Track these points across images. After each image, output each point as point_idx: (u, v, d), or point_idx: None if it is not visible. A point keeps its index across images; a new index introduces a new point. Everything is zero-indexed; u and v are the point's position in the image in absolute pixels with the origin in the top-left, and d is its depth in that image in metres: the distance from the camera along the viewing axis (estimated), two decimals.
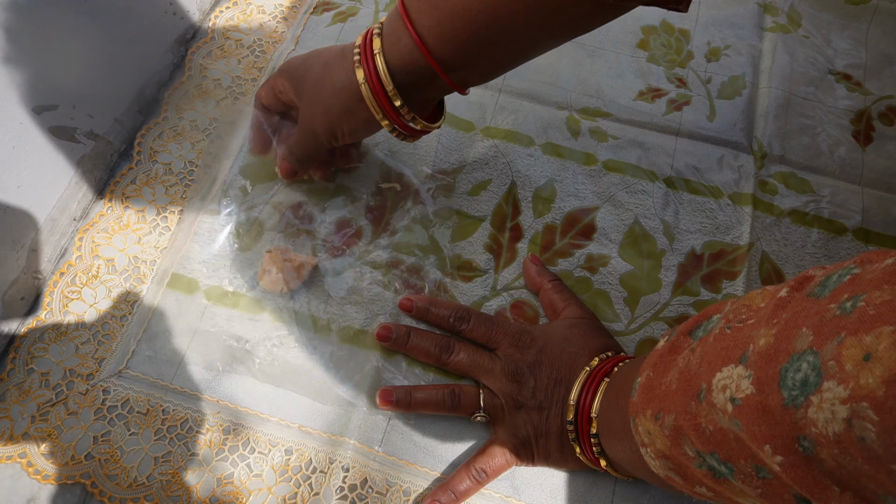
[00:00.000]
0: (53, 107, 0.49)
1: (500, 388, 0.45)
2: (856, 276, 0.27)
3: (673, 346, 0.36)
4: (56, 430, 0.45)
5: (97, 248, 0.51)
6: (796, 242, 0.54)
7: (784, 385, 0.26)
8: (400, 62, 0.39)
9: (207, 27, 0.61)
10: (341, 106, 0.43)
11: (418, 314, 0.49)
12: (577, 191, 0.55)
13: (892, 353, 0.23)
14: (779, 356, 0.27)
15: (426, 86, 0.41)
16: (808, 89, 0.61)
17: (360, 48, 0.41)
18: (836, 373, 0.24)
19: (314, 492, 0.45)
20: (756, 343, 0.29)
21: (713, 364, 0.31)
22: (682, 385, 0.32)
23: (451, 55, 0.38)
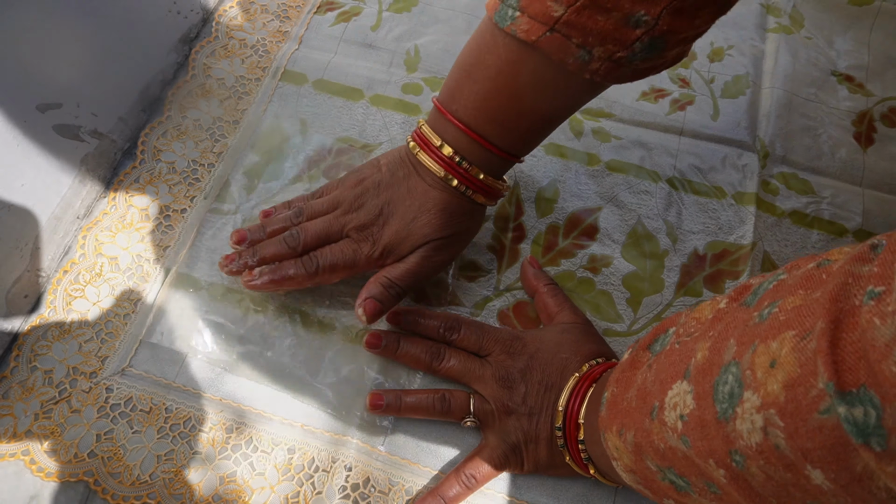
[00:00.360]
0: (58, 105, 0.49)
1: (491, 393, 0.44)
2: (780, 283, 0.27)
3: (633, 360, 0.36)
4: (59, 428, 0.45)
5: (101, 247, 0.51)
6: (797, 243, 0.54)
7: (717, 398, 0.26)
8: (460, 146, 0.44)
9: (211, 26, 0.61)
10: (452, 213, 0.46)
11: (407, 326, 0.48)
12: (579, 191, 0.56)
13: (791, 358, 0.23)
14: (712, 369, 0.27)
15: (489, 160, 0.45)
16: (810, 90, 0.61)
17: (426, 149, 0.45)
18: (751, 382, 0.24)
19: (317, 491, 0.45)
20: (695, 357, 0.29)
21: (664, 382, 0.31)
22: (640, 403, 0.33)
23: (490, 135, 0.43)
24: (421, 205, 0.45)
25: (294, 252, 0.47)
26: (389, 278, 0.45)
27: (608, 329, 0.50)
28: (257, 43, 0.61)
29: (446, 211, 0.45)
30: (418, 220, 0.45)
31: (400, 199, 0.46)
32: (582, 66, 0.38)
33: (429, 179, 0.45)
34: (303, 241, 0.46)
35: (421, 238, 0.46)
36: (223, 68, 0.60)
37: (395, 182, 0.46)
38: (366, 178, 0.47)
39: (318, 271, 0.46)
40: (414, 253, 0.46)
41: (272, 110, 0.58)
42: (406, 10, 0.64)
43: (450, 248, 0.47)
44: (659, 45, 0.37)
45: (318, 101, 0.59)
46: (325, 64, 0.60)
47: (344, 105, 0.59)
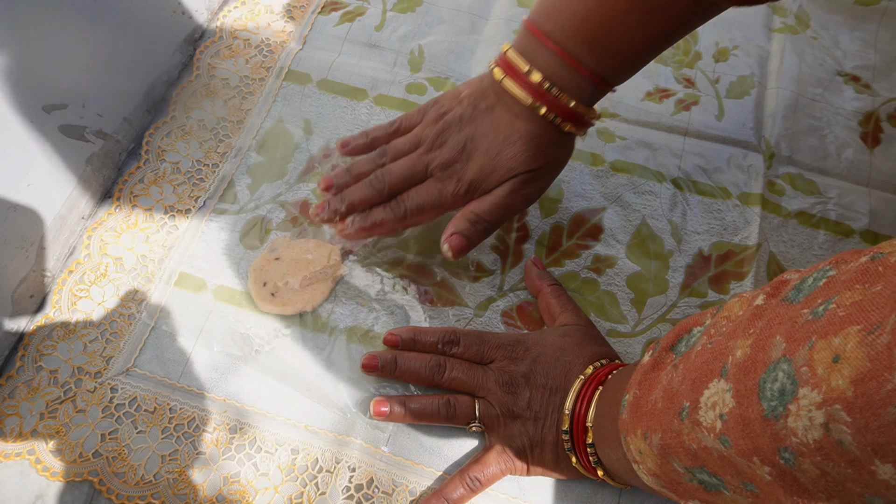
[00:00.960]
0: (63, 106, 0.49)
1: (495, 399, 0.44)
2: (831, 279, 0.27)
3: (656, 361, 0.35)
4: (64, 428, 0.46)
5: (105, 247, 0.51)
6: (803, 244, 0.54)
7: (763, 396, 0.26)
8: (550, 72, 0.42)
9: (216, 26, 0.61)
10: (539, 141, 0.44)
11: (405, 346, 0.47)
12: (584, 191, 0.55)
13: (858, 353, 0.23)
14: (756, 367, 0.27)
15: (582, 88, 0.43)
16: (816, 90, 0.60)
17: (512, 76, 0.43)
18: (809, 378, 0.24)
19: (320, 491, 0.45)
20: (734, 355, 0.28)
21: (697, 381, 0.30)
22: (666, 404, 0.32)
23: (586, 58, 0.41)
24: (506, 137, 0.43)
25: (381, 195, 0.46)
26: (476, 213, 0.44)
27: (612, 330, 0.50)
28: (261, 43, 0.61)
29: (534, 142, 0.43)
30: (504, 153, 0.43)
31: (484, 133, 0.44)
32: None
33: (515, 109, 0.43)
34: (388, 183, 0.46)
35: (507, 172, 0.44)
36: (227, 68, 0.60)
37: (477, 115, 0.44)
38: (447, 113, 0.46)
39: (407, 215, 0.45)
40: (501, 186, 0.44)
41: (276, 110, 0.58)
42: (410, 10, 0.64)
43: (539, 180, 0.45)
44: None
45: (322, 100, 0.59)
46: (329, 64, 0.60)
47: (348, 105, 0.59)
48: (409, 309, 0.50)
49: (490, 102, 0.44)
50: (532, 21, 0.42)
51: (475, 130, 0.44)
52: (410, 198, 0.45)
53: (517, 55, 0.43)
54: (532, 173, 0.44)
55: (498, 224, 0.45)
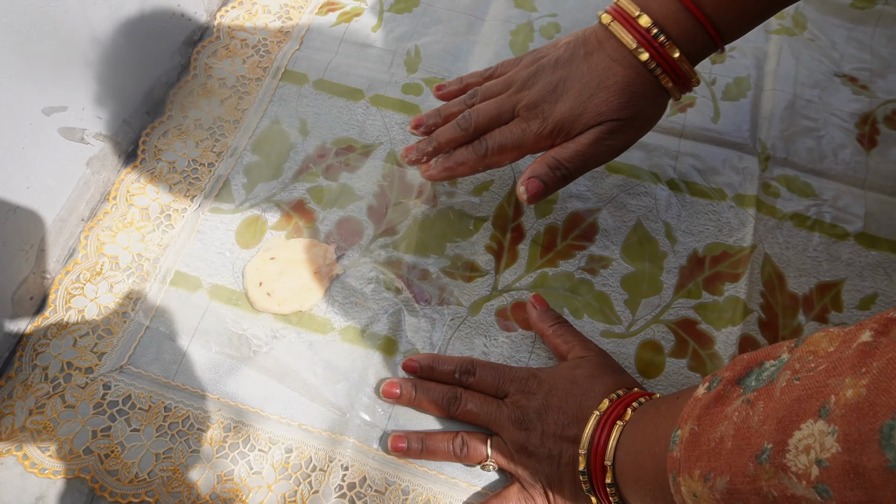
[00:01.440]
0: (63, 108, 0.49)
1: (509, 436, 0.44)
2: None
3: (719, 395, 0.32)
4: (52, 423, 0.46)
5: (102, 246, 0.52)
6: (798, 246, 0.54)
7: (889, 445, 0.23)
8: (662, 17, 0.41)
9: (213, 26, 0.62)
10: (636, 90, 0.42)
11: (423, 373, 0.48)
12: (579, 192, 0.55)
13: None
14: (876, 411, 0.24)
15: (692, 38, 0.41)
16: (813, 92, 0.60)
17: (620, 20, 0.42)
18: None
19: (314, 490, 0.45)
20: (841, 394, 0.25)
21: (786, 421, 0.27)
22: (739, 443, 0.29)
23: (705, 2, 0.40)
24: (601, 81, 0.42)
25: (467, 134, 0.46)
26: (557, 158, 0.43)
27: (606, 331, 0.50)
28: (258, 43, 0.61)
29: (628, 90, 0.42)
30: (596, 96, 0.42)
31: (578, 76, 0.43)
32: None
33: (615, 54, 0.42)
34: (474, 122, 0.46)
35: (595, 117, 0.42)
36: (224, 68, 0.60)
37: (575, 59, 0.43)
38: (543, 56, 0.45)
39: (488, 153, 0.45)
40: (585, 133, 0.43)
41: (272, 110, 0.58)
42: (407, 10, 0.64)
43: (626, 132, 0.44)
44: None
45: (319, 101, 0.59)
46: (325, 64, 0.61)
47: (344, 105, 0.59)
48: (405, 308, 0.51)
49: (591, 48, 0.43)
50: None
51: (570, 72, 0.43)
52: (493, 136, 0.45)
53: (629, 1, 0.42)
54: (620, 122, 0.43)
55: (578, 173, 0.44)
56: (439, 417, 0.47)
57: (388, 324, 0.50)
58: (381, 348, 0.49)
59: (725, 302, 0.51)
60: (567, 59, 0.44)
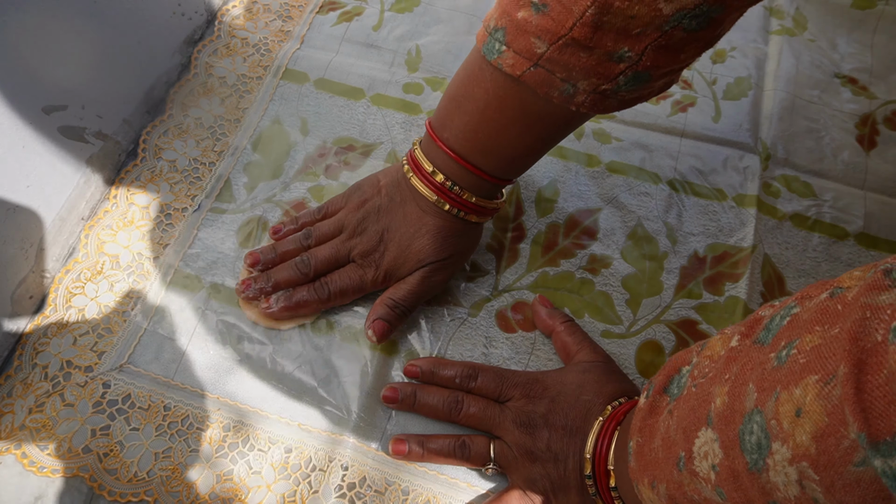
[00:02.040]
0: (63, 107, 0.49)
1: (513, 439, 0.44)
2: (794, 318, 0.26)
3: (652, 406, 0.34)
4: (51, 421, 0.46)
5: (102, 245, 0.52)
6: (798, 246, 0.54)
7: (744, 449, 0.25)
8: (450, 173, 0.46)
9: (214, 25, 0.62)
10: (460, 238, 0.48)
11: (424, 378, 0.47)
12: (580, 192, 0.55)
13: (817, 406, 0.22)
14: (734, 417, 0.26)
15: (479, 186, 0.46)
16: (813, 92, 0.60)
17: (419, 175, 0.47)
18: (778, 433, 0.23)
19: (313, 490, 0.45)
20: (714, 403, 0.28)
21: (688, 430, 0.29)
22: (666, 453, 0.31)
23: (480, 162, 0.45)
24: (416, 231, 0.47)
25: (306, 277, 0.49)
26: (394, 299, 0.48)
27: (606, 331, 0.50)
28: (259, 42, 0.61)
29: (440, 235, 0.47)
30: (414, 244, 0.47)
31: (397, 226, 0.48)
32: (567, 98, 0.38)
33: (423, 204, 0.47)
34: (314, 266, 0.49)
35: (417, 262, 0.48)
36: (225, 67, 0.60)
37: (393, 207, 0.48)
38: (367, 201, 0.49)
39: (331, 297, 0.48)
40: (413, 275, 0.48)
41: (273, 109, 0.58)
42: (408, 10, 0.64)
43: (447, 268, 0.49)
44: (644, 77, 0.36)
45: (320, 100, 0.59)
46: (326, 63, 0.61)
47: (345, 104, 0.59)
48: None
49: (403, 195, 0.48)
50: (432, 126, 0.46)
51: (390, 222, 0.48)
52: (334, 281, 0.49)
53: (423, 156, 0.46)
54: (440, 262, 0.48)
55: (414, 307, 0.49)
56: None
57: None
58: (380, 349, 0.49)
59: (726, 302, 0.51)
60: (387, 206, 0.48)
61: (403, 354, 0.49)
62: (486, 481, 0.45)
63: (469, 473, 0.46)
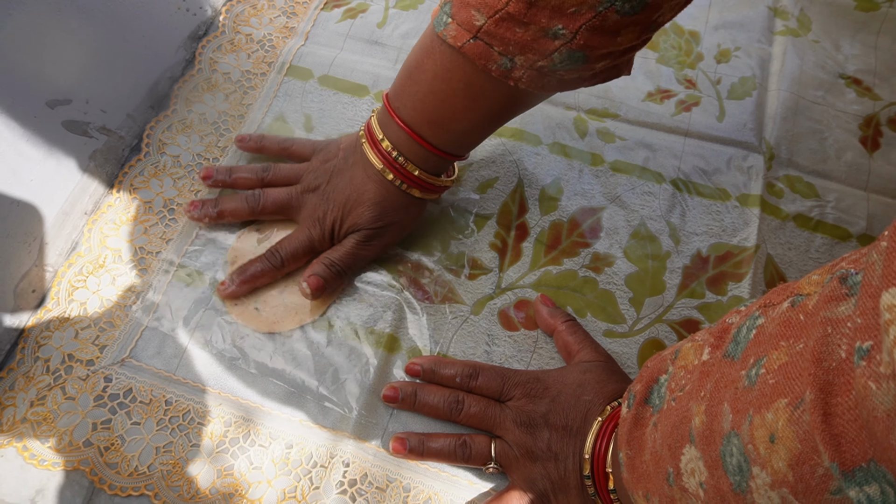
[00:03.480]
0: (67, 101, 0.49)
1: (514, 439, 0.43)
2: (760, 330, 0.26)
3: (637, 418, 0.34)
4: (52, 414, 0.46)
5: (105, 240, 0.52)
6: (800, 247, 0.54)
7: (728, 470, 0.25)
8: (398, 142, 0.47)
9: (218, 21, 0.62)
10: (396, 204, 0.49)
11: (426, 376, 0.47)
12: (583, 190, 0.55)
13: (789, 432, 0.21)
14: (714, 437, 0.26)
15: (426, 158, 0.47)
16: (817, 93, 0.60)
17: (370, 141, 0.47)
18: (756, 458, 0.23)
19: (314, 486, 0.45)
20: (694, 421, 0.27)
21: (673, 447, 0.29)
22: (655, 467, 0.31)
23: (427, 134, 0.45)
24: (358, 196, 0.48)
25: (253, 212, 0.51)
26: (331, 259, 0.49)
27: (609, 330, 0.50)
28: (263, 38, 0.61)
29: (379, 205, 0.48)
30: (353, 209, 0.49)
31: (342, 188, 0.49)
32: (505, 73, 0.39)
33: (369, 171, 0.48)
34: (262, 204, 0.51)
35: (352, 226, 0.49)
36: (229, 63, 0.60)
37: (344, 169, 0.49)
38: (327, 161, 0.51)
39: (284, 262, 0.49)
40: (348, 238, 0.50)
41: (277, 105, 0.58)
42: (413, 7, 0.64)
43: (381, 237, 0.50)
44: (579, 57, 0.37)
45: (324, 96, 0.59)
46: (330, 60, 0.61)
47: (349, 101, 0.59)
48: (407, 306, 0.50)
49: (355, 160, 0.49)
50: (388, 96, 0.47)
51: (338, 183, 0.49)
52: (283, 247, 0.50)
53: (376, 123, 0.47)
54: (374, 230, 0.49)
55: (350, 269, 0.50)
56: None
57: (390, 321, 0.50)
58: (383, 346, 0.49)
59: (729, 302, 0.51)
60: (340, 168, 0.50)
61: (405, 352, 0.49)
62: (487, 479, 0.45)
63: (470, 471, 0.45)
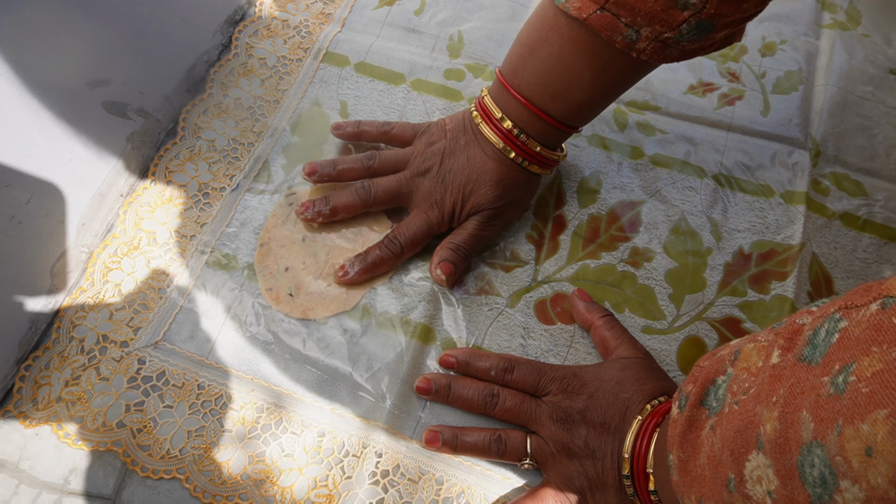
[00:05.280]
0: (107, 82, 0.49)
1: (550, 435, 0.43)
2: (844, 333, 0.24)
3: (691, 420, 0.33)
4: (86, 395, 0.45)
5: (140, 222, 0.51)
6: (846, 246, 0.52)
7: (806, 482, 0.24)
8: (520, 120, 0.47)
9: (255, 6, 0.61)
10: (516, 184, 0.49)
11: (460, 368, 0.47)
12: (622, 184, 0.54)
13: (890, 445, 0.20)
14: (790, 446, 0.25)
15: (547, 133, 0.47)
16: (866, 89, 0.59)
17: (487, 122, 0.48)
18: (846, 471, 0.22)
19: (346, 475, 0.44)
20: (764, 427, 0.26)
21: (736, 452, 0.28)
22: (713, 472, 0.30)
23: (550, 108, 0.45)
24: (479, 176, 0.48)
25: (365, 204, 0.50)
26: (455, 243, 0.49)
27: (647, 326, 0.49)
28: (300, 24, 0.61)
29: (501, 183, 0.48)
30: (476, 190, 0.48)
31: (460, 169, 0.49)
32: (629, 44, 0.39)
33: (488, 150, 0.48)
34: (374, 195, 0.50)
35: (475, 207, 0.49)
36: (265, 48, 0.59)
37: (457, 149, 0.49)
38: (434, 143, 0.50)
39: (404, 250, 0.49)
40: (470, 220, 0.49)
41: (313, 92, 0.58)
42: None
43: (502, 216, 0.50)
44: (706, 27, 0.37)
45: (359, 84, 0.58)
46: (367, 47, 0.60)
47: (385, 89, 0.58)
48: (442, 297, 0.50)
49: (468, 139, 0.49)
50: (503, 73, 0.47)
51: (453, 164, 0.49)
52: (402, 233, 0.49)
53: (492, 102, 0.47)
54: (497, 210, 0.49)
55: (474, 251, 0.50)
56: None
57: (424, 312, 0.49)
58: (417, 336, 0.48)
59: (772, 301, 0.50)
60: (451, 149, 0.49)
61: (439, 343, 0.48)
62: (521, 475, 0.45)
63: (503, 466, 0.45)
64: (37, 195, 0.45)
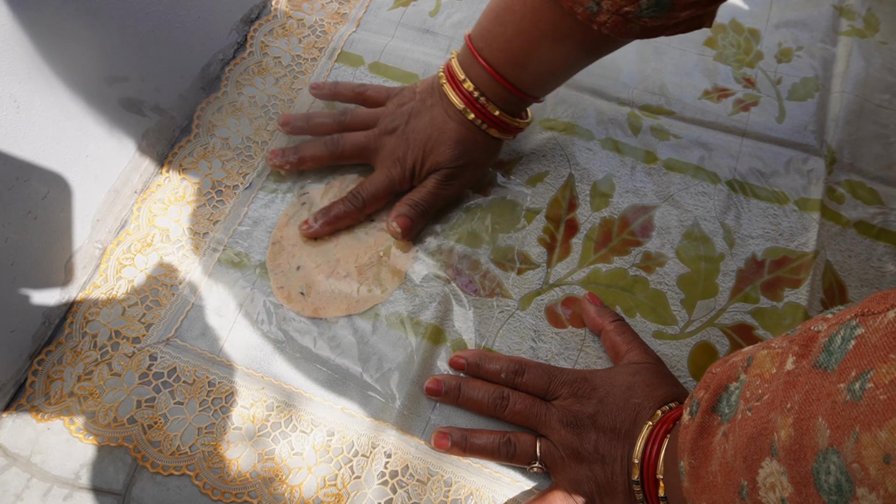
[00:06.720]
0: (125, 79, 0.49)
1: (559, 439, 0.42)
2: (861, 340, 0.24)
3: (703, 426, 0.33)
4: (98, 390, 0.46)
5: (154, 219, 0.52)
6: (861, 254, 0.52)
7: (821, 489, 0.24)
8: (480, 83, 0.48)
9: (271, 5, 0.61)
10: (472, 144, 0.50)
11: (470, 370, 0.46)
12: (635, 188, 0.54)
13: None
14: (805, 453, 0.24)
15: (506, 99, 0.48)
16: (883, 96, 0.58)
17: (451, 82, 0.49)
18: (863, 478, 0.22)
19: (355, 475, 0.44)
20: (778, 434, 0.26)
21: (749, 459, 0.28)
22: (725, 479, 0.30)
23: (509, 75, 0.46)
24: (439, 135, 0.49)
25: (332, 156, 0.52)
26: (414, 199, 0.51)
27: (659, 332, 0.49)
28: (315, 23, 0.61)
29: (461, 143, 0.49)
30: (435, 149, 0.50)
31: (422, 128, 0.50)
32: (590, 16, 0.39)
33: (450, 111, 0.49)
34: (341, 147, 0.52)
35: (433, 165, 0.50)
36: (280, 47, 0.60)
37: (423, 110, 0.50)
38: (404, 104, 0.52)
39: (366, 204, 0.51)
40: (429, 178, 0.51)
41: None
42: None
43: (461, 176, 0.51)
44: (666, 4, 0.37)
45: (374, 83, 0.58)
46: (381, 47, 0.60)
47: None
48: (454, 298, 0.50)
49: (434, 100, 0.50)
50: (471, 37, 0.48)
51: (417, 124, 0.50)
52: (364, 188, 0.51)
53: (458, 65, 0.48)
54: (454, 169, 0.50)
55: (432, 209, 0.51)
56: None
57: (435, 313, 0.49)
58: (427, 337, 0.48)
59: (785, 308, 0.49)
60: (418, 109, 0.51)
61: (450, 344, 0.48)
62: (530, 478, 0.44)
63: (513, 468, 0.45)
64: (53, 190, 0.46)
